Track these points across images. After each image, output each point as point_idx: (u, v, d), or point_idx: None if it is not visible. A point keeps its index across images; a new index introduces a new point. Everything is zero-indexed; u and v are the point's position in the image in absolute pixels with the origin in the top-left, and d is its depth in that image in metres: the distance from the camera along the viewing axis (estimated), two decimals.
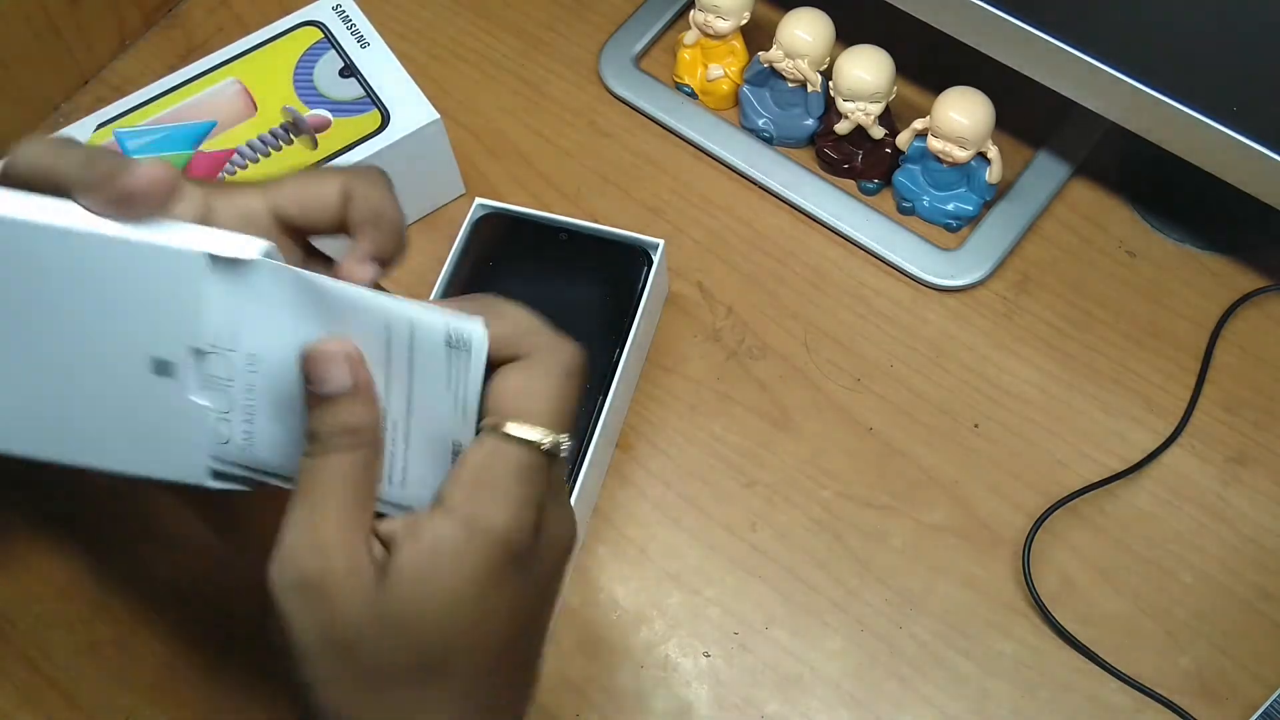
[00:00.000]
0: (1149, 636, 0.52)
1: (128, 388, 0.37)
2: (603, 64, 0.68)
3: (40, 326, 0.37)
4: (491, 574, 0.34)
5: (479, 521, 0.34)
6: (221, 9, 0.73)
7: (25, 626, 0.54)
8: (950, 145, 0.58)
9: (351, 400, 0.35)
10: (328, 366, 0.35)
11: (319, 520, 0.34)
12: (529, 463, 0.35)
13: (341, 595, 0.33)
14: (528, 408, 0.35)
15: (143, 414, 0.37)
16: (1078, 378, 0.58)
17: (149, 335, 0.36)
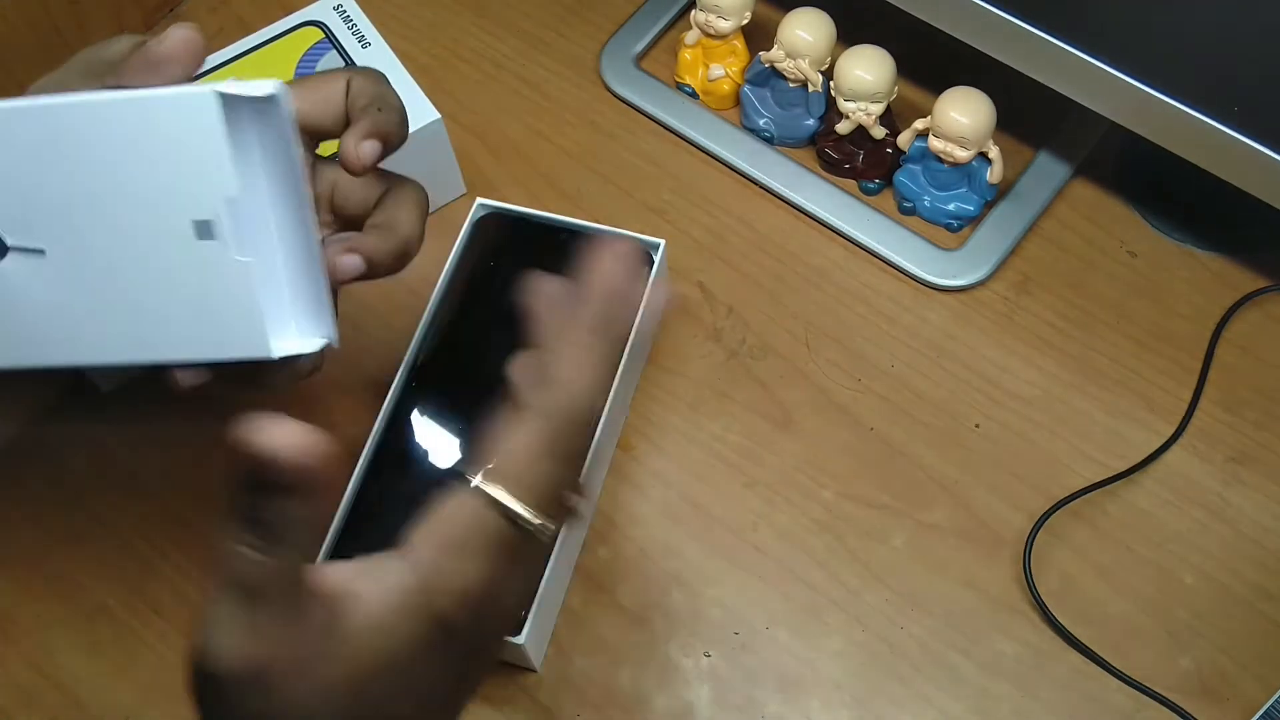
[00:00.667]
0: (1150, 636, 0.52)
1: (176, 264, 0.36)
2: (604, 64, 0.68)
3: (84, 220, 0.37)
4: (438, 634, 0.33)
5: (438, 580, 0.32)
6: (222, 9, 0.73)
7: (27, 626, 0.54)
8: (951, 145, 0.58)
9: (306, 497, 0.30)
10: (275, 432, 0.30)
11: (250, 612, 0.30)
12: (507, 538, 0.33)
13: (291, 683, 0.30)
14: (522, 474, 0.33)
15: (196, 289, 0.37)
16: (1079, 378, 0.58)
17: (184, 197, 0.36)
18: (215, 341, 0.38)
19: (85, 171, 0.37)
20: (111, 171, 0.37)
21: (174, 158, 0.36)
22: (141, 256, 0.37)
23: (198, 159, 0.36)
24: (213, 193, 0.36)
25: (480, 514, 0.33)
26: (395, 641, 0.32)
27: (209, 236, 0.36)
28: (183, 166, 0.36)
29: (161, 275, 0.37)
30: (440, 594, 0.32)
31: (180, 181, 0.36)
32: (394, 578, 0.33)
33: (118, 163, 0.37)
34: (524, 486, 0.33)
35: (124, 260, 0.37)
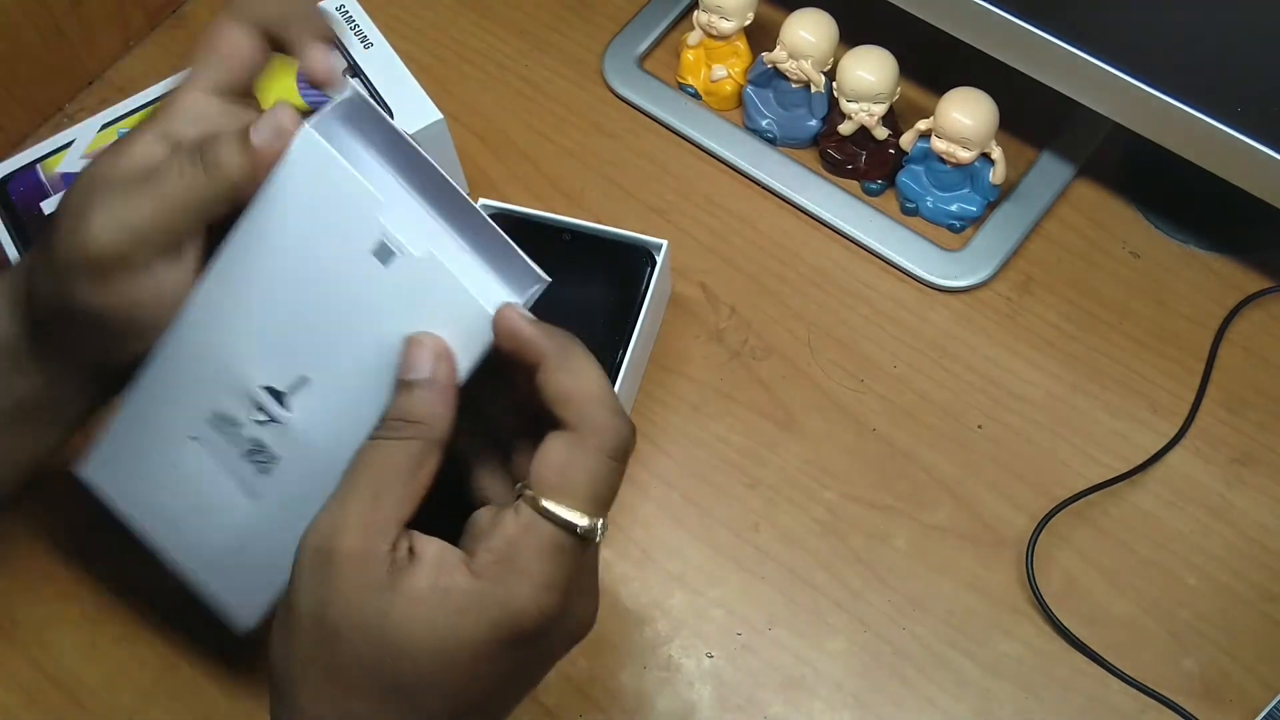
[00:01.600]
0: (1152, 638, 0.52)
1: (383, 293, 0.38)
2: (606, 65, 0.68)
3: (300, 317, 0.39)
4: (490, 644, 0.34)
5: (496, 593, 0.34)
6: (225, 10, 0.73)
7: (29, 626, 0.54)
8: (954, 146, 0.57)
9: (426, 390, 0.36)
10: (417, 353, 0.36)
11: (353, 499, 0.35)
12: (561, 544, 0.34)
13: (346, 577, 0.34)
14: (571, 485, 0.34)
15: (409, 306, 0.37)
16: (1081, 379, 0.58)
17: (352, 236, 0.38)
18: (456, 343, 0.38)
19: (281, 280, 0.39)
20: (297, 264, 0.39)
21: (325, 209, 0.38)
22: (364, 316, 0.38)
23: (338, 192, 0.38)
24: (364, 215, 0.37)
25: (533, 524, 0.34)
26: (450, 637, 0.34)
27: (390, 256, 0.37)
28: (334, 211, 0.38)
29: (386, 320, 0.38)
30: (498, 605, 0.34)
31: (340, 226, 0.38)
32: (452, 577, 0.34)
33: (295, 255, 0.39)
34: (571, 492, 0.34)
35: (355, 330, 0.38)
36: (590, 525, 0.35)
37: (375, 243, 0.37)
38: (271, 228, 0.39)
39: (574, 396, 0.35)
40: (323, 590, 0.34)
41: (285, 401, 0.40)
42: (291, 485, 0.41)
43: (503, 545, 0.34)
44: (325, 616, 0.34)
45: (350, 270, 0.38)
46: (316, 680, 0.34)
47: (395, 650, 0.34)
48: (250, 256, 0.40)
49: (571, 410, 0.35)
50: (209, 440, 0.42)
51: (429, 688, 0.34)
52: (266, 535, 0.43)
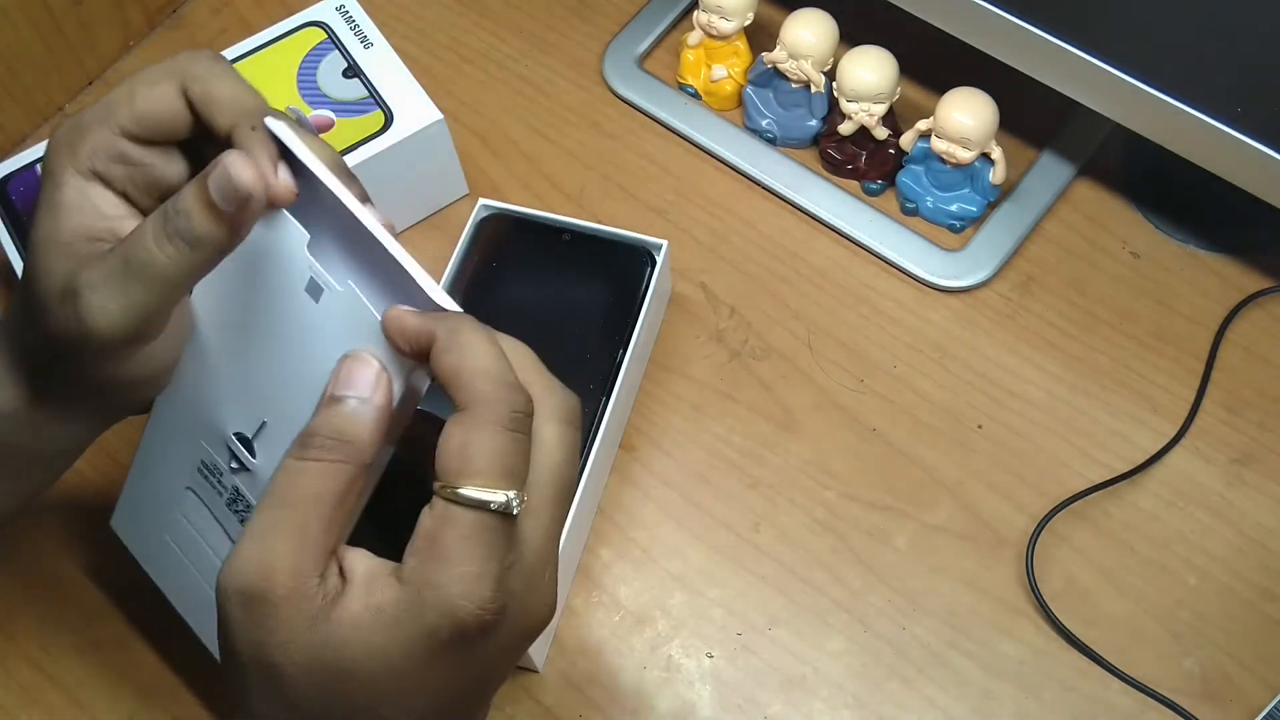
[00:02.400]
0: (1152, 638, 0.51)
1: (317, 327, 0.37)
2: (606, 65, 0.68)
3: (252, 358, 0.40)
4: (434, 649, 0.33)
5: (425, 597, 0.32)
6: (225, 10, 0.73)
7: (28, 626, 0.54)
8: (954, 146, 0.57)
9: (363, 408, 0.34)
10: (359, 370, 0.35)
11: (278, 534, 0.33)
12: (482, 527, 0.33)
13: (281, 619, 0.32)
14: (473, 465, 0.33)
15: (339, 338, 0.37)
16: (1081, 379, 0.58)
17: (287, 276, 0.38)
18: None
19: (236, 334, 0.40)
20: (246, 315, 0.39)
21: (262, 253, 0.38)
22: (310, 359, 0.38)
23: (275, 236, 0.38)
24: (298, 254, 0.37)
25: (447, 514, 0.33)
26: (389, 649, 0.33)
27: (319, 292, 0.37)
28: (272, 252, 0.38)
29: (315, 347, 0.37)
30: (432, 605, 0.32)
31: (277, 265, 0.38)
32: (380, 591, 0.33)
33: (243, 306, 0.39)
34: (476, 472, 0.33)
35: (301, 374, 0.38)
36: (505, 500, 0.33)
37: (306, 279, 0.37)
38: (225, 277, 0.39)
39: (460, 373, 0.33)
40: (258, 633, 0.33)
41: (252, 448, 0.40)
42: None
43: (423, 544, 0.33)
44: (265, 658, 0.33)
45: (289, 310, 0.38)
46: (274, 715, 0.34)
47: (343, 677, 0.33)
48: (214, 307, 0.40)
49: (460, 389, 0.33)
50: (201, 489, 0.43)
51: (386, 704, 0.34)
52: None
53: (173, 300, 0.38)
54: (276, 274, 0.38)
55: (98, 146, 0.38)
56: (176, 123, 0.38)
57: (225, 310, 0.40)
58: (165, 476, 0.45)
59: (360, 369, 0.35)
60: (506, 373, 0.34)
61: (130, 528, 0.49)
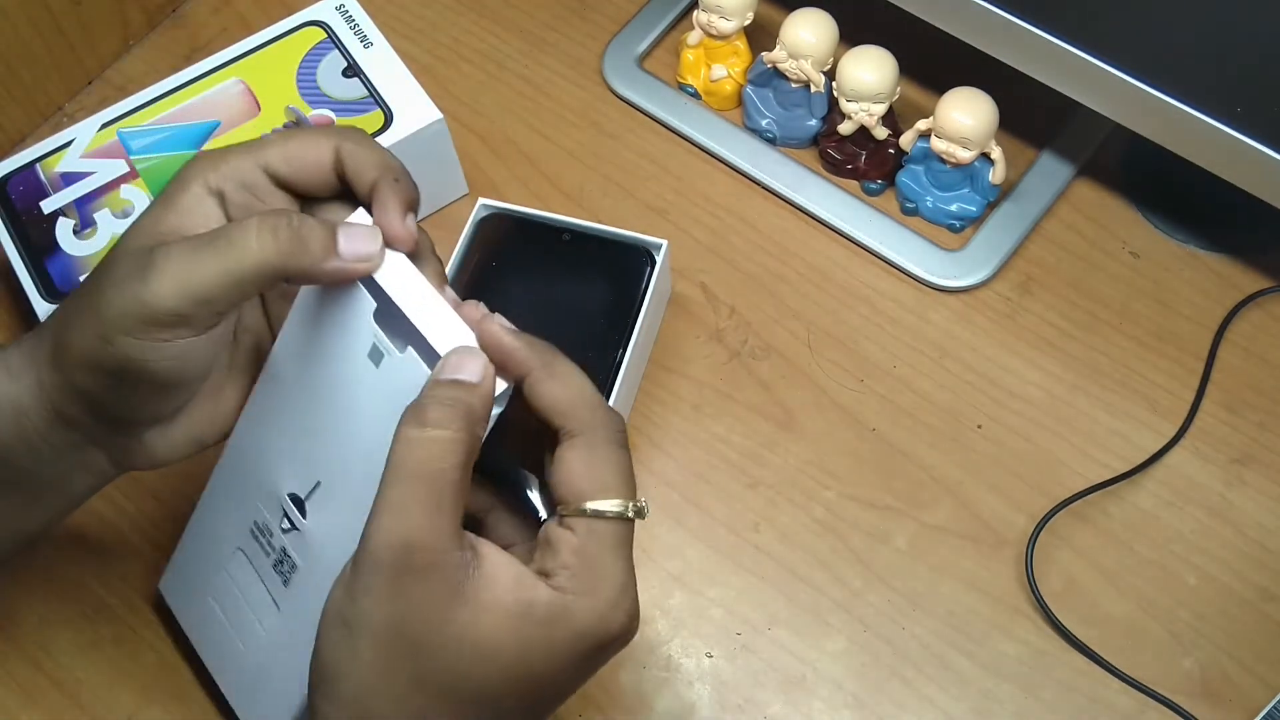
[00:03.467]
0: (1152, 638, 0.52)
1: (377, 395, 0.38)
2: (606, 64, 0.68)
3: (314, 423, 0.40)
4: (576, 652, 0.35)
5: (582, 603, 0.35)
6: (225, 9, 0.73)
7: (28, 625, 0.54)
8: (953, 146, 0.57)
9: (478, 385, 0.35)
10: (470, 360, 0.36)
11: (415, 502, 0.34)
12: (623, 538, 0.36)
13: (428, 589, 0.33)
14: (604, 482, 0.36)
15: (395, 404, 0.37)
16: (1081, 379, 0.58)
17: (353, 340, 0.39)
18: None
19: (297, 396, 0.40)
20: (309, 377, 0.40)
21: (329, 318, 0.39)
22: (366, 420, 0.38)
23: (341, 302, 0.39)
24: (363, 320, 0.38)
25: (593, 529, 0.35)
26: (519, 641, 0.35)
27: (380, 357, 0.38)
28: (338, 317, 0.39)
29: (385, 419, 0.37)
30: (588, 613, 0.35)
31: (342, 330, 0.39)
32: (541, 592, 0.35)
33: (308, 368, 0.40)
34: (606, 489, 0.36)
35: (359, 434, 0.39)
36: (639, 506, 0.36)
37: (369, 345, 0.38)
38: (292, 338, 0.40)
39: (570, 402, 0.36)
40: (400, 602, 0.33)
41: (304, 508, 0.41)
42: (304, 598, 0.41)
43: (572, 558, 0.35)
44: (405, 629, 0.34)
45: (350, 373, 0.38)
46: (398, 690, 0.34)
47: (484, 660, 0.34)
48: (278, 367, 0.41)
49: (571, 417, 0.36)
50: (250, 550, 0.43)
51: (510, 695, 0.35)
52: (282, 654, 0.43)
53: (240, 292, 0.37)
54: (341, 338, 0.39)
55: (235, 170, 0.40)
56: (320, 172, 0.40)
57: (290, 370, 0.41)
58: (218, 538, 0.45)
59: (470, 358, 0.36)
60: (601, 398, 0.37)
61: (177, 590, 0.50)
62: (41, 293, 0.56)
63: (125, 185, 0.59)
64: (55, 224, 0.58)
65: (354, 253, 0.37)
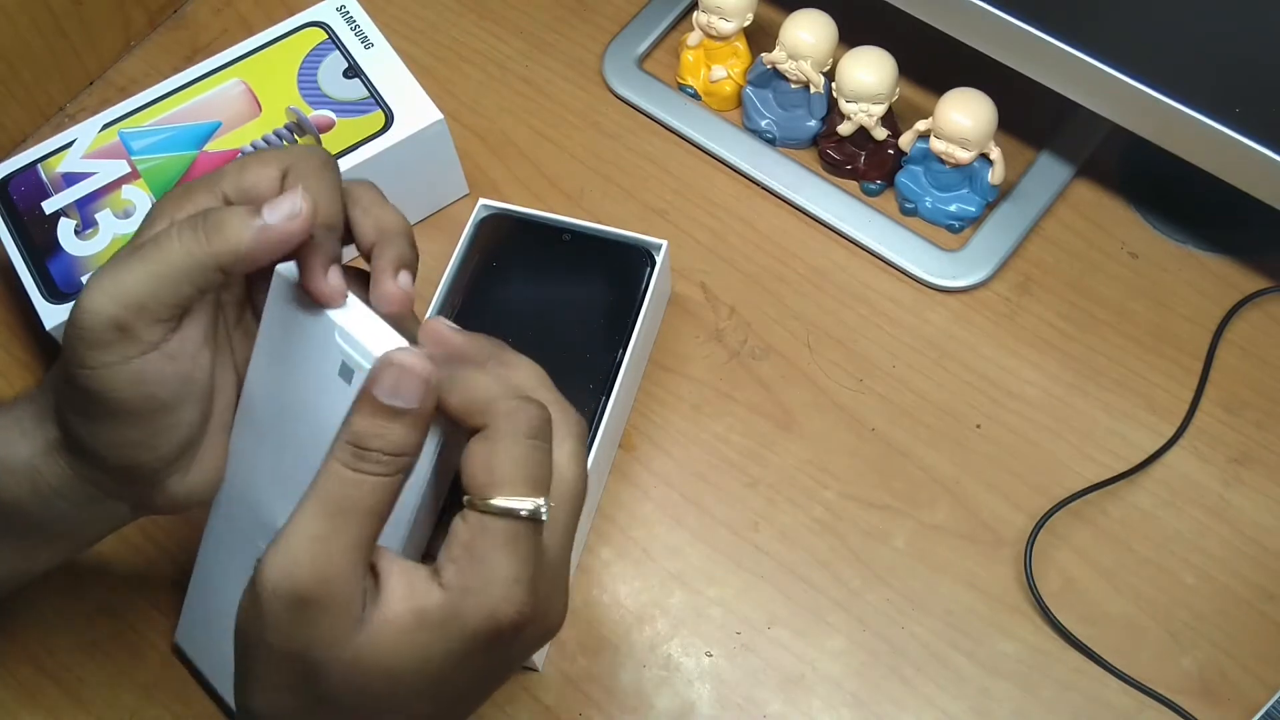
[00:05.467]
0: (1151, 637, 0.52)
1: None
2: (606, 65, 0.68)
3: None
4: (471, 650, 0.34)
5: (468, 601, 0.34)
6: (226, 10, 0.73)
7: (29, 624, 0.54)
8: (953, 146, 0.58)
9: (411, 419, 0.34)
10: (405, 378, 0.34)
11: (334, 539, 0.33)
12: (515, 534, 0.34)
13: (328, 620, 0.33)
14: (501, 476, 0.34)
15: None
16: (1080, 378, 0.58)
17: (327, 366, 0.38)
18: None
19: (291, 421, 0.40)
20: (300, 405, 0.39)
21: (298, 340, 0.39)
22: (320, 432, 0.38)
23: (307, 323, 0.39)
24: (329, 339, 0.38)
25: (482, 524, 0.34)
26: (429, 652, 0.34)
27: (350, 374, 0.37)
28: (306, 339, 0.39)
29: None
30: (472, 610, 0.34)
31: (311, 352, 0.38)
32: (424, 596, 0.34)
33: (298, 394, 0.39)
34: (503, 484, 0.34)
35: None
36: (535, 507, 0.34)
37: (338, 363, 0.38)
38: (262, 370, 0.40)
39: (488, 394, 0.35)
40: (304, 632, 0.33)
41: None
42: None
43: (461, 552, 0.34)
44: (308, 656, 0.33)
45: (326, 395, 0.38)
46: (300, 711, 0.35)
47: (386, 676, 0.34)
48: (252, 400, 0.41)
49: (485, 411, 0.35)
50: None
51: (419, 700, 0.35)
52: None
53: (169, 294, 0.37)
54: (310, 361, 0.38)
55: (197, 203, 0.40)
56: (273, 193, 0.40)
57: (267, 402, 0.40)
58: (224, 581, 0.44)
59: (407, 379, 0.34)
60: (519, 388, 0.36)
61: (194, 641, 0.50)
62: (43, 293, 0.56)
63: (127, 185, 0.59)
64: (57, 224, 0.58)
65: (279, 213, 0.37)
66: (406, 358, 0.34)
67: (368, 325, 0.38)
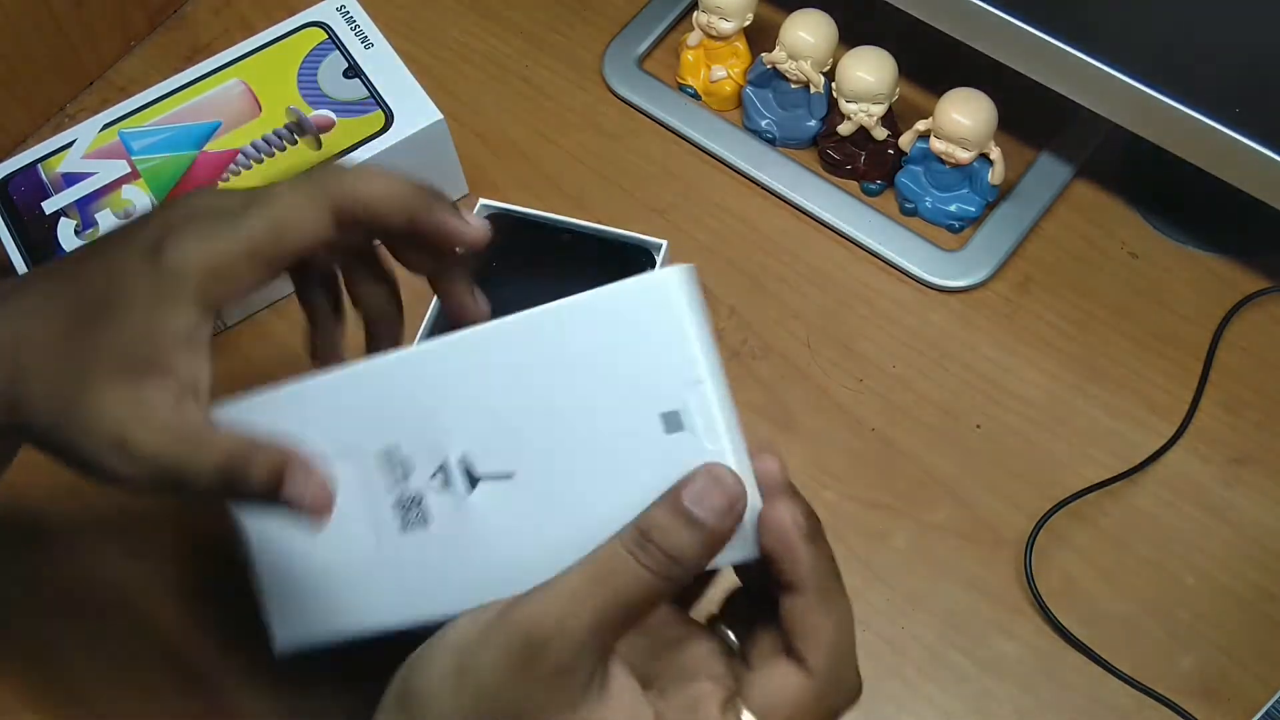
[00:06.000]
0: (1151, 637, 0.52)
1: (642, 463, 0.35)
2: (606, 65, 0.68)
3: (550, 434, 0.36)
4: None
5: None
6: (226, 10, 0.73)
7: (29, 623, 0.54)
8: (953, 146, 0.58)
9: (703, 534, 0.33)
10: (713, 492, 0.33)
11: (586, 607, 0.33)
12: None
13: (546, 681, 0.32)
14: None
15: (662, 485, 0.35)
16: (1080, 378, 0.58)
17: (651, 390, 0.35)
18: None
19: (548, 381, 0.36)
20: (575, 377, 0.36)
21: (637, 350, 0.35)
22: (609, 461, 0.35)
23: (662, 346, 0.35)
24: (678, 379, 0.35)
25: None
26: None
27: (678, 429, 0.35)
28: (646, 357, 0.35)
29: (626, 477, 0.35)
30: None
31: (645, 374, 0.35)
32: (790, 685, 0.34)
33: (579, 367, 0.36)
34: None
35: (590, 469, 0.36)
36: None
37: (669, 409, 0.35)
38: (569, 326, 0.36)
39: (825, 640, 0.34)
40: (516, 681, 0.32)
41: (475, 483, 0.37)
42: (424, 557, 0.38)
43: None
44: (509, 707, 0.33)
45: (626, 414, 0.35)
46: None
47: None
48: (528, 335, 0.37)
49: (817, 654, 0.34)
50: (365, 468, 0.39)
51: None
52: (363, 585, 0.40)
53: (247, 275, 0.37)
54: (639, 378, 0.35)
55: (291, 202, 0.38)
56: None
57: (545, 354, 0.36)
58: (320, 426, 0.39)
59: (716, 492, 0.33)
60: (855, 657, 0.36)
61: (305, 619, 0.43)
62: None
63: (127, 186, 0.59)
64: (57, 224, 0.58)
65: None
66: (725, 474, 0.33)
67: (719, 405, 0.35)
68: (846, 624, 0.35)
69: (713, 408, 0.34)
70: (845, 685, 0.35)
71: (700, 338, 0.35)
